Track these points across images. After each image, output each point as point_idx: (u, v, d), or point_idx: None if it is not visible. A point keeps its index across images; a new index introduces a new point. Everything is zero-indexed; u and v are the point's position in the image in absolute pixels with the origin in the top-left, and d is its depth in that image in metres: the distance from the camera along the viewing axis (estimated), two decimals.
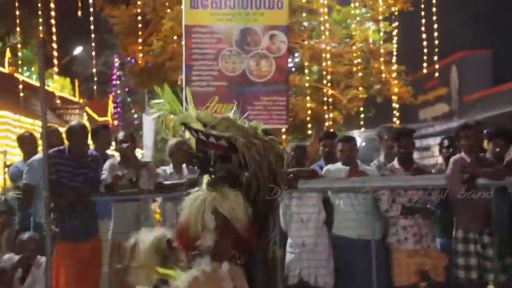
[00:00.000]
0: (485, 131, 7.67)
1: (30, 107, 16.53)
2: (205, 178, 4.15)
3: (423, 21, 16.24)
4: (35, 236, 7.63)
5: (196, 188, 4.22)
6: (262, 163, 3.93)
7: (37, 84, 14.77)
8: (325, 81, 16.62)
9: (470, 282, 7.07)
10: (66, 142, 7.94)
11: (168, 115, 4.04)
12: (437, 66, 17.29)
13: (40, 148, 8.47)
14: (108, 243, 7.73)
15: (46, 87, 10.53)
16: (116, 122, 22.71)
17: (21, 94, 15.48)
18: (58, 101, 20.10)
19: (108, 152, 8.83)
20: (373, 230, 7.29)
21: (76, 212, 7.50)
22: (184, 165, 7.73)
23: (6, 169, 9.31)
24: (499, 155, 7.46)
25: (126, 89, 25.27)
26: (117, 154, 8.29)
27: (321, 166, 7.61)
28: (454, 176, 7.08)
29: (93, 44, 17.31)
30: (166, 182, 7.72)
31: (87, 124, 16.45)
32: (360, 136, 17.32)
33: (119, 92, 25.17)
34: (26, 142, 8.81)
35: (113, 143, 8.58)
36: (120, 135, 8.02)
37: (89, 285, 7.51)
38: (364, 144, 17.04)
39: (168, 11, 15.47)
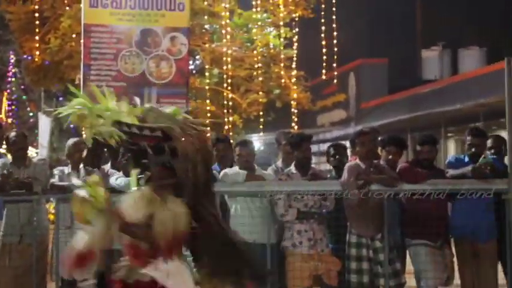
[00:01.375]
0: (379, 139, 7.84)
1: None
2: (134, 175, 4.08)
3: (323, 28, 16.52)
4: None
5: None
6: (199, 151, 3.90)
7: None
8: (225, 85, 16.63)
9: (362, 286, 7.21)
10: None
11: (83, 113, 3.91)
12: (335, 73, 17.62)
13: None
14: None
15: None
16: (10, 120, 22.10)
17: None
18: None
19: (0, 150, 8.60)
20: (269, 234, 7.33)
21: None
22: (81, 165, 7.57)
23: None
24: (393, 162, 7.65)
25: (22, 87, 24.67)
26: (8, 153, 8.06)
27: (216, 170, 7.61)
28: (348, 181, 7.20)
29: None
30: (59, 183, 7.56)
31: None
32: (259, 140, 17.45)
33: (14, 89, 24.54)
34: None
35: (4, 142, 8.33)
36: (12, 134, 7.80)
37: None
38: (263, 148, 17.19)
39: (67, 8, 15.17)
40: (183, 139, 3.86)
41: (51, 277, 7.73)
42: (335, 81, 18.31)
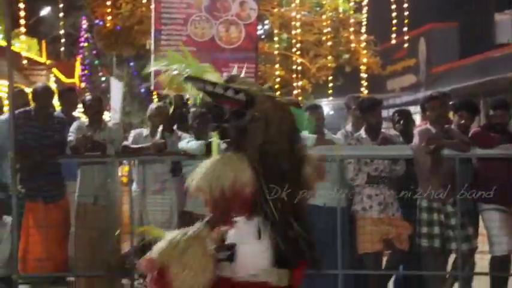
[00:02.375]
0: (451, 103, 7.75)
1: None
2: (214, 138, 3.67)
3: None
4: None
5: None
6: (283, 122, 3.55)
7: (3, 44, 14.55)
8: (294, 50, 16.62)
9: (432, 251, 7.18)
10: (32, 103, 7.88)
11: (172, 70, 3.71)
12: (406, 38, 17.39)
13: (6, 109, 8.38)
14: (74, 205, 7.72)
15: (12, 48, 10.42)
16: (83, 85, 22.48)
17: None
18: (25, 62, 19.83)
19: (75, 114, 8.79)
20: (339, 197, 7.35)
21: (42, 173, 7.48)
22: (160, 129, 7.66)
23: None
24: (464, 126, 7.56)
25: (94, 52, 25.03)
26: (84, 116, 8.24)
27: None
28: (419, 146, 7.15)
29: (60, 5, 17.10)
30: (132, 146, 7.70)
31: (54, 86, 16.31)
32: (328, 105, 17.41)
33: (86, 54, 24.92)
34: None
35: (80, 106, 8.52)
36: (88, 98, 7.97)
37: (58, 246, 7.52)
38: (332, 113, 17.14)
39: None
40: (268, 105, 3.51)
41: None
42: (405, 45, 18.07)
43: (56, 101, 8.95)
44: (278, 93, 16.38)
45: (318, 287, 7.26)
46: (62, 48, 21.25)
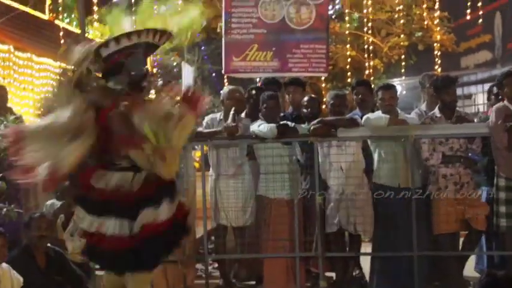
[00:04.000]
0: None
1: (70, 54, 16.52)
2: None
3: None
4: None
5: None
6: None
7: (77, 31, 14.80)
8: (365, 29, 16.43)
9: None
10: None
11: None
12: (480, 13, 16.99)
13: None
14: None
15: (86, 35, 10.57)
16: (155, 70, 22.69)
17: (62, 41, 15.52)
18: None
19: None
20: (413, 178, 7.25)
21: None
22: (232, 113, 7.65)
23: None
24: None
25: None
26: None
27: (358, 115, 7.55)
28: (496, 124, 6.99)
29: None
30: (205, 130, 7.72)
31: None
32: (400, 84, 17.17)
33: None
34: None
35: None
36: (159, 83, 8.01)
37: None
38: (405, 92, 16.92)
39: None
40: None
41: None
42: (480, 21, 17.66)
43: None
44: (349, 74, 16.29)
45: (394, 269, 7.22)
46: None
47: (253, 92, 7.99)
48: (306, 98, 7.73)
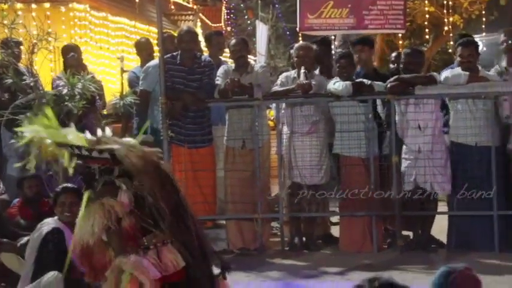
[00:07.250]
0: None
1: (145, 13, 16.65)
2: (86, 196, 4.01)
3: None
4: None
5: None
6: (148, 169, 3.87)
7: None
8: None
9: None
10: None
11: (42, 138, 3.91)
12: None
13: (156, 54, 8.55)
14: (223, 149, 7.81)
15: None
16: (229, 29, 22.67)
17: (137, 0, 15.64)
18: (172, 7, 20.23)
19: (222, 58, 8.84)
20: (493, 136, 7.08)
21: (191, 117, 7.60)
22: (302, 71, 7.57)
23: (124, 75, 9.45)
24: None
25: None
26: (230, 60, 8.26)
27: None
28: None
29: None
30: (279, 89, 7.67)
31: (201, 31, 16.54)
32: (481, 41, 16.73)
33: None
34: (143, 48, 8.88)
35: (226, 50, 8.56)
36: (232, 42, 7.98)
37: (204, 190, 7.64)
38: (485, 49, 16.48)
39: None
40: (129, 158, 3.83)
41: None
42: None
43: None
44: (427, 30, 15.94)
45: (471, 229, 7.10)
46: None
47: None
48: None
